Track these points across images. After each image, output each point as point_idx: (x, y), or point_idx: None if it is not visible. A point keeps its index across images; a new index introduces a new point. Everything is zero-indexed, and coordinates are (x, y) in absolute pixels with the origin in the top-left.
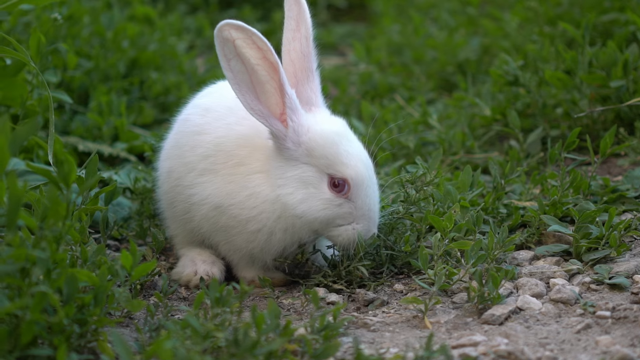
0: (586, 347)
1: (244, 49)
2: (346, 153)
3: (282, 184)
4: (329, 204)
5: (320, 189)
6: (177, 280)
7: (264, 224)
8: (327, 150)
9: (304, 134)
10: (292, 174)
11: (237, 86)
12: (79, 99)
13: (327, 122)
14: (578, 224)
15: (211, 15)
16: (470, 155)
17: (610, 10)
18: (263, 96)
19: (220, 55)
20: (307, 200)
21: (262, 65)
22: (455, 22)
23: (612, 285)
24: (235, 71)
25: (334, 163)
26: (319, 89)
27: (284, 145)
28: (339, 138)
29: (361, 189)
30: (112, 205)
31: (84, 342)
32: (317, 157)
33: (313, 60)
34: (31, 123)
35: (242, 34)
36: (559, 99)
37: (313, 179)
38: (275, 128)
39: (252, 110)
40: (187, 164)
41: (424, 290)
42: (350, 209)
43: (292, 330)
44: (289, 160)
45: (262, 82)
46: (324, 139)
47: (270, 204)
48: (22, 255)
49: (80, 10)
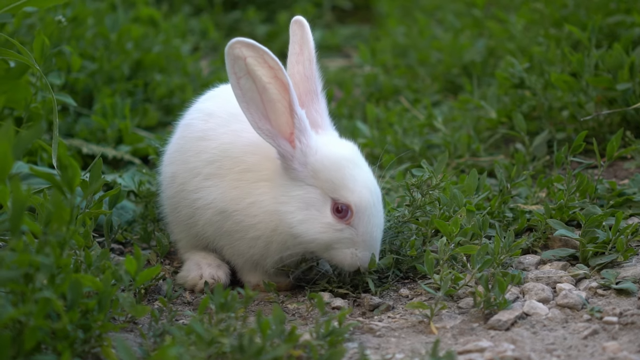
0: (593, 353)
1: (255, 67)
2: (352, 178)
3: (284, 202)
4: (329, 228)
5: (322, 212)
6: (182, 284)
7: (262, 232)
8: (333, 174)
9: (311, 155)
10: (295, 194)
11: (245, 104)
12: (83, 102)
13: (336, 146)
14: (584, 228)
15: (215, 17)
16: (476, 158)
17: (616, 12)
18: (273, 115)
19: (230, 72)
20: (307, 222)
21: (274, 84)
22: (461, 24)
23: (619, 291)
24: (245, 89)
25: (339, 187)
26: (325, 111)
27: (291, 166)
28: (346, 162)
29: (364, 216)
30: (116, 208)
31: (88, 347)
32: (322, 180)
33: (317, 82)
34: (35, 127)
35: (254, 52)
36: (565, 101)
37: (316, 201)
38: (282, 148)
39: (260, 129)
40: (191, 169)
41: (430, 295)
42: (352, 235)
43: (297, 336)
44: (294, 180)
45: (273, 101)
46: (331, 162)
47: (268, 215)
48: (25, 260)
49: (84, 12)
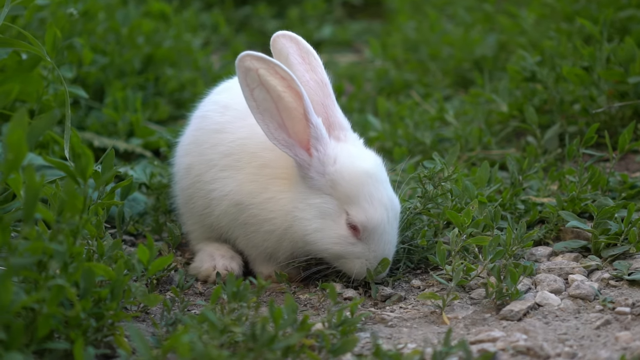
0: (606, 343)
1: (268, 77)
2: (368, 196)
3: (301, 208)
4: (342, 240)
5: (337, 223)
6: (195, 275)
7: (277, 227)
8: (351, 189)
9: (330, 164)
10: (312, 202)
11: (260, 115)
12: (94, 95)
13: (359, 158)
14: (597, 220)
15: (226, 12)
16: (487, 151)
17: (627, 6)
18: (290, 122)
19: (243, 85)
20: (321, 231)
21: (288, 93)
22: (472, 19)
23: (632, 282)
24: (259, 100)
25: (353, 204)
26: (341, 113)
27: (308, 175)
28: (365, 178)
29: (376, 234)
30: (128, 200)
31: (101, 336)
32: (339, 192)
33: (330, 86)
34: (48, 116)
35: (265, 65)
36: (577, 95)
37: (333, 211)
38: (299, 157)
39: (276, 140)
40: (208, 161)
41: (442, 286)
42: (363, 249)
43: (310, 325)
44: (312, 188)
45: (289, 109)
46: (350, 176)
47: (284, 214)
48: (39, 248)
49: (95, 6)
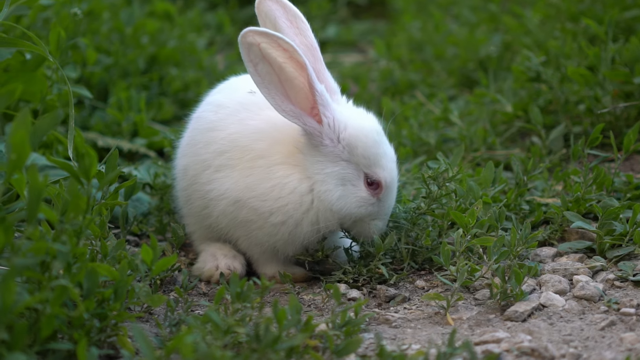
0: (610, 344)
1: (270, 50)
2: (384, 154)
3: (320, 180)
4: (364, 202)
5: (358, 187)
6: (198, 275)
7: (290, 215)
8: (369, 151)
9: (342, 130)
10: (331, 170)
11: (266, 89)
12: (98, 95)
13: (364, 119)
14: (601, 221)
15: (231, 12)
16: (492, 151)
17: (632, 7)
18: (292, 91)
19: (247, 61)
20: (344, 197)
21: (289, 63)
22: (476, 19)
23: (637, 282)
24: (263, 74)
25: (374, 164)
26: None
27: (321, 143)
28: (379, 138)
29: (390, 191)
30: (132, 200)
31: (104, 336)
32: (357, 156)
33: (318, 49)
34: (52, 116)
35: (267, 38)
36: (582, 95)
37: (352, 176)
38: (309, 126)
39: (284, 111)
40: (202, 161)
41: (446, 287)
42: (378, 207)
43: (314, 325)
44: (328, 156)
45: (290, 79)
46: (367, 138)
47: (298, 196)
48: (42, 248)
49: (99, 6)
